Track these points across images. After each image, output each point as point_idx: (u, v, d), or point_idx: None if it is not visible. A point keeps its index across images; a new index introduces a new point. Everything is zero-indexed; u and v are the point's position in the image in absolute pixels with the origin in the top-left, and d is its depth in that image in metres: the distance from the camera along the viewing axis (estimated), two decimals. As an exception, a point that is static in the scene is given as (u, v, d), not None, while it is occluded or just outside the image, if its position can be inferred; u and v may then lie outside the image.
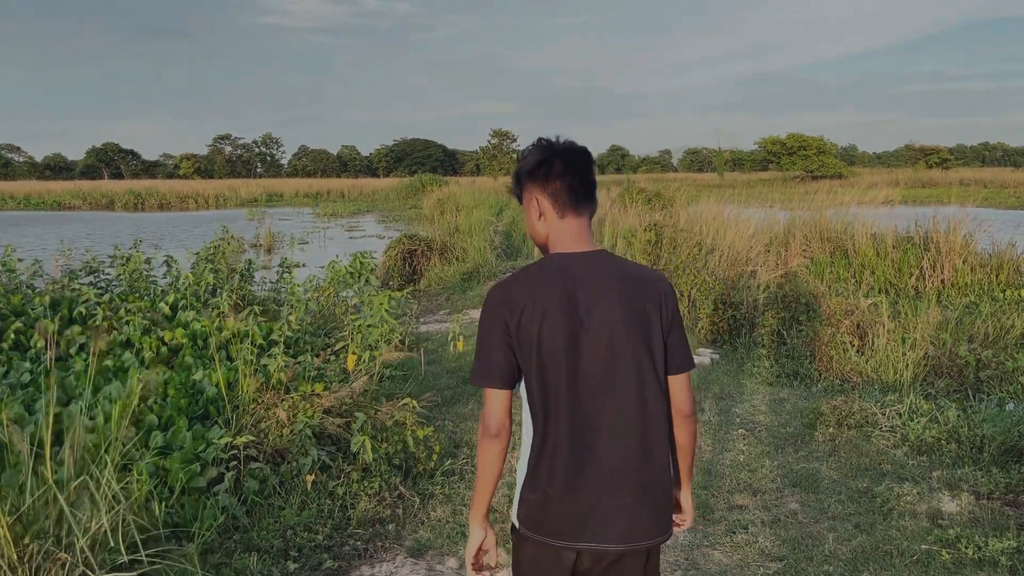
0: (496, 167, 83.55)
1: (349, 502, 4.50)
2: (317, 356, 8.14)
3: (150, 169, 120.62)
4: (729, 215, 13.32)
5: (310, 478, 4.64)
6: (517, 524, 2.16)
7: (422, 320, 11.50)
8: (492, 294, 2.15)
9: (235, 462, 4.80)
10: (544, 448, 2.09)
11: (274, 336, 6.83)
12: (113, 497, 4.23)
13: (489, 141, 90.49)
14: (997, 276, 12.26)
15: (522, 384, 2.14)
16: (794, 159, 68.60)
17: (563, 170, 2.13)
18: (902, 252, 12.83)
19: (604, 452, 2.05)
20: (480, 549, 2.22)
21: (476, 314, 11.61)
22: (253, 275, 11.90)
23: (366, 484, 4.62)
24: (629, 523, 2.05)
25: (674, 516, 2.30)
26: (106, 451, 4.03)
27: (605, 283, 2.08)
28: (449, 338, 7.51)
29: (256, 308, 6.74)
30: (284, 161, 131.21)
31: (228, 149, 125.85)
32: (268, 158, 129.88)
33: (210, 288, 10.57)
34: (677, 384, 2.17)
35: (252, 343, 6.79)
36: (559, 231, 2.15)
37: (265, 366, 6.46)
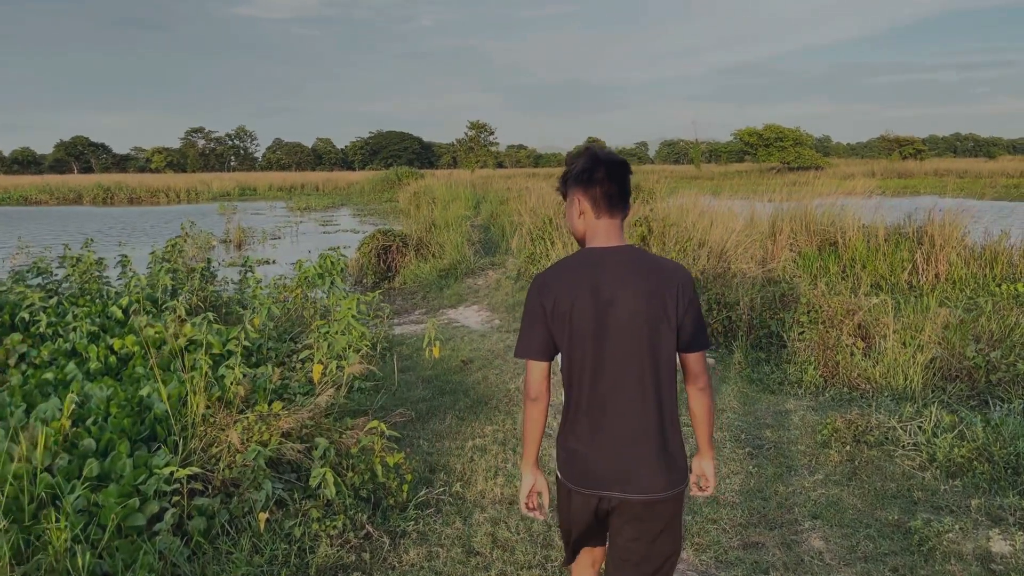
0: (473, 159, 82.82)
1: (308, 545, 3.89)
2: (282, 364, 7.52)
3: (121, 163, 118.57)
4: (716, 208, 12.80)
5: (263, 517, 4.02)
6: (558, 473, 2.58)
7: (397, 321, 10.87)
8: (535, 282, 2.52)
9: (178, 496, 4.18)
10: (574, 413, 2.49)
11: (230, 346, 6.19)
12: (26, 545, 3.62)
13: (466, 133, 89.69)
14: (991, 269, 11.87)
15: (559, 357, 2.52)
16: (771, 150, 68.40)
17: (604, 177, 2.48)
18: (894, 246, 12.40)
19: (623, 418, 2.42)
20: (532, 491, 2.62)
21: (454, 314, 11.01)
22: (215, 275, 11.22)
23: (328, 523, 4.01)
24: (642, 479, 2.41)
25: (697, 482, 2.71)
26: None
27: (629, 274, 2.43)
28: (424, 343, 6.90)
29: (210, 314, 6.08)
30: (258, 154, 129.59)
31: (201, 142, 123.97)
32: (242, 151, 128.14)
33: (168, 290, 9.90)
34: (692, 361, 2.51)
35: (206, 352, 6.17)
36: (595, 228, 2.52)
37: (222, 378, 5.85)
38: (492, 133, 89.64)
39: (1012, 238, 12.38)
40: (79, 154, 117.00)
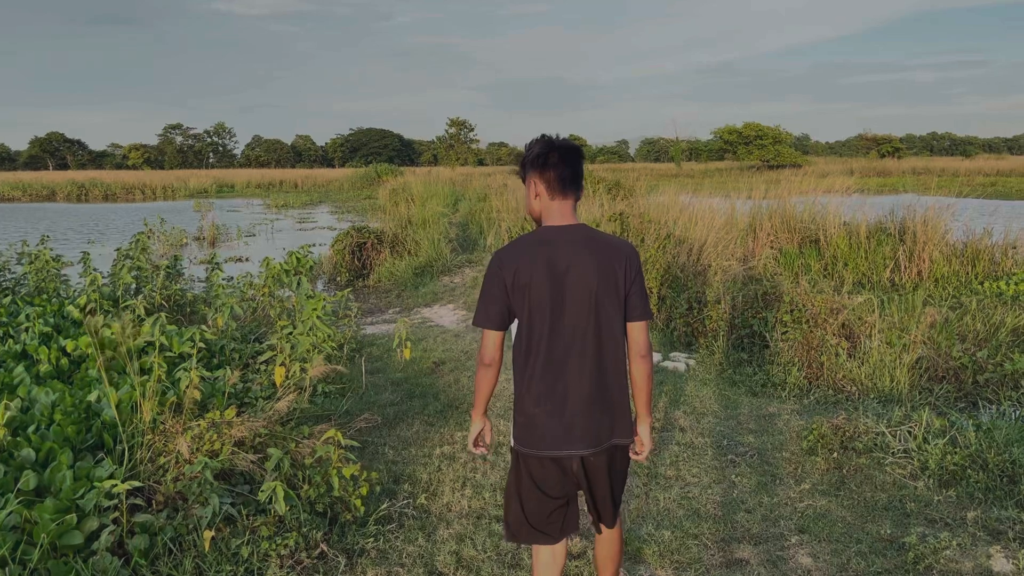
0: (453, 157, 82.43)
1: (256, 567, 3.58)
2: (245, 367, 7.19)
3: (97, 159, 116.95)
4: (696, 205, 12.56)
5: (208, 535, 3.70)
6: (515, 444, 2.77)
7: (369, 320, 10.55)
8: (495, 257, 2.71)
9: (117, 513, 3.86)
10: (529, 380, 2.67)
11: (184, 347, 5.86)
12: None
13: (446, 130, 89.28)
14: (973, 267, 11.72)
15: (514, 326, 2.73)
16: (750, 148, 68.51)
17: (558, 161, 2.67)
18: (876, 243, 12.22)
19: (576, 381, 2.62)
20: (480, 434, 2.91)
21: (429, 313, 10.70)
22: (182, 272, 10.86)
23: (278, 542, 3.70)
24: (596, 433, 2.65)
25: (634, 447, 2.85)
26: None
27: (582, 249, 2.63)
28: (395, 344, 6.59)
29: (163, 314, 5.74)
30: (237, 151, 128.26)
31: (179, 139, 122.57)
32: (220, 148, 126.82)
33: (132, 288, 9.54)
34: (636, 330, 2.70)
35: (160, 354, 5.84)
36: (549, 209, 2.71)
37: (177, 381, 5.54)
38: (472, 130, 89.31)
39: (994, 236, 12.24)
40: (54, 151, 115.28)
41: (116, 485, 3.83)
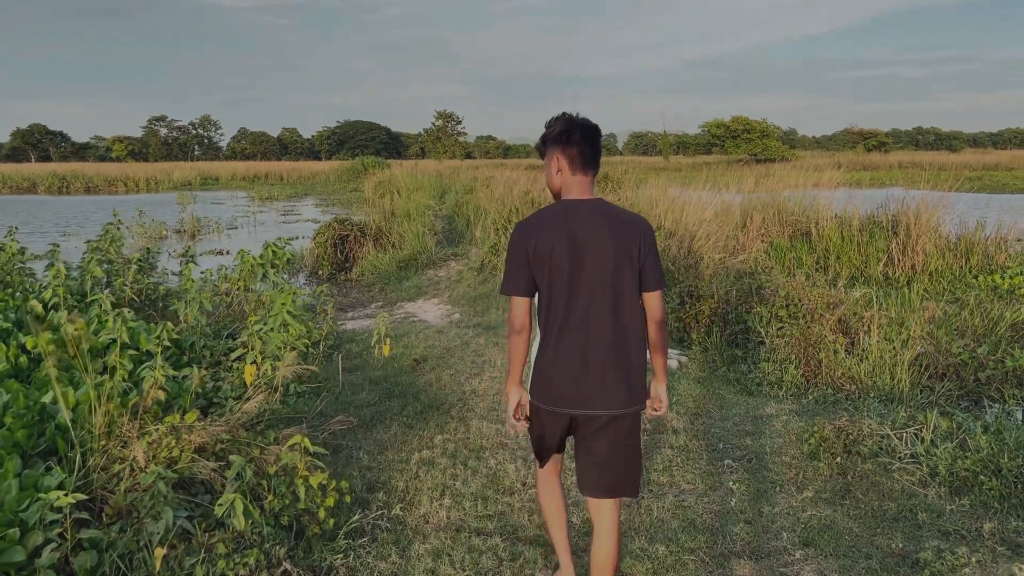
0: (441, 149, 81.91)
1: (212, 588, 3.25)
2: (217, 364, 6.85)
3: (80, 151, 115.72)
4: (686, 197, 12.27)
5: (160, 553, 3.37)
6: (531, 398, 2.91)
7: (351, 315, 10.21)
8: (517, 228, 2.86)
9: (63, 528, 3.53)
10: (550, 343, 2.82)
11: (148, 345, 5.52)
12: None
13: (433, 123, 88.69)
14: (967, 261, 11.50)
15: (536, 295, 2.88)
16: (738, 142, 68.36)
17: (580, 139, 2.84)
18: (869, 236, 11.98)
19: (594, 345, 2.77)
20: (519, 405, 2.94)
21: (412, 308, 10.38)
22: (155, 266, 10.47)
23: (236, 560, 3.37)
24: (612, 396, 2.79)
25: (651, 404, 3.00)
26: None
27: (600, 222, 2.79)
28: (373, 340, 6.27)
29: (125, 311, 5.39)
30: (223, 144, 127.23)
31: (163, 131, 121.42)
32: (206, 140, 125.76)
33: (102, 282, 9.16)
34: (652, 299, 2.86)
35: (121, 352, 5.49)
36: (570, 184, 2.87)
37: (141, 381, 5.20)
38: (460, 123, 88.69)
39: (988, 229, 12.02)
40: (37, 142, 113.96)
41: (60, 497, 3.51)
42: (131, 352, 5.82)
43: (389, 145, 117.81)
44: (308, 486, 3.87)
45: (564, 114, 2.91)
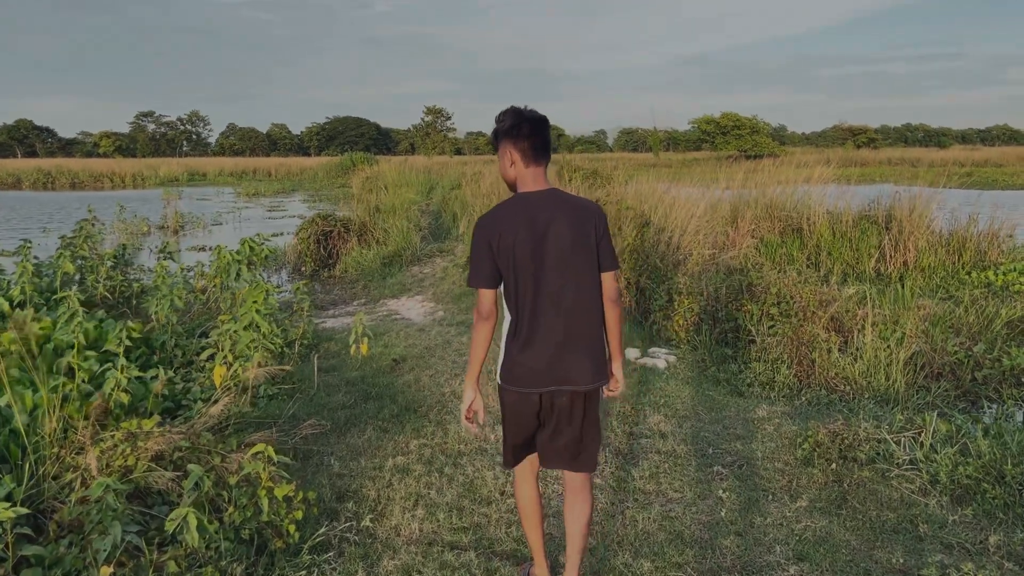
0: (430, 145, 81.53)
1: (161, 610, 3.00)
2: (189, 364, 6.59)
3: (67, 147, 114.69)
4: (675, 194, 12.04)
5: (106, 572, 3.12)
6: (500, 381, 3.05)
7: (332, 312, 9.95)
8: (479, 223, 2.98)
9: (3, 544, 3.28)
10: (518, 328, 2.97)
11: (108, 345, 5.25)
12: None
13: (423, 119, 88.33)
14: (960, 257, 11.34)
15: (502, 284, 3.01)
16: (728, 139, 68.26)
17: (530, 132, 2.97)
18: (861, 232, 11.80)
19: (557, 327, 2.93)
20: (471, 407, 3.09)
21: (395, 305, 10.13)
22: (130, 262, 10.18)
23: (189, 580, 3.13)
24: (575, 374, 2.94)
25: (608, 385, 3.13)
26: None
27: (556, 210, 2.95)
28: (351, 339, 6.01)
29: (79, 308, 5.13)
30: (211, 140, 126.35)
31: (151, 127, 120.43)
32: (194, 136, 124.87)
33: (76, 280, 8.88)
34: (607, 279, 3.04)
35: (78, 353, 5.24)
36: (524, 175, 3.01)
37: (103, 383, 4.95)
38: (449, 119, 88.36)
39: (980, 225, 11.86)
40: (23, 138, 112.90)
41: (2, 511, 3.25)
42: (97, 353, 5.57)
43: (379, 141, 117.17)
44: (272, 497, 3.63)
45: (512, 107, 3.01)
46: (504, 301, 3.02)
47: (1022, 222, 12.67)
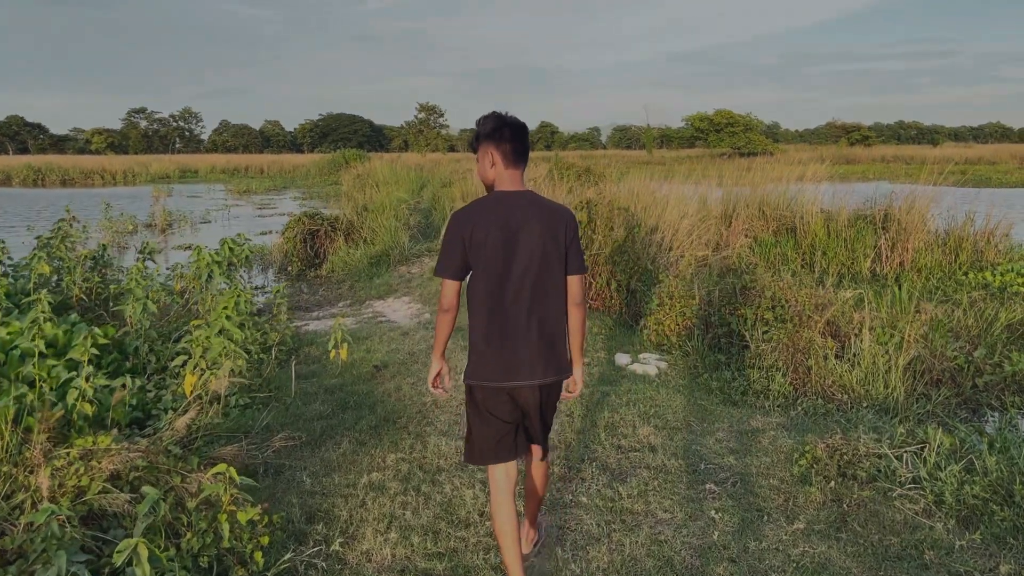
0: (423, 142, 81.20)
1: (105, 650, 2.77)
2: (163, 370, 6.34)
3: (59, 144, 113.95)
4: (668, 192, 11.81)
5: (48, 607, 2.88)
6: (467, 380, 3.13)
7: (316, 314, 9.70)
8: (454, 216, 3.10)
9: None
10: (484, 323, 3.06)
11: (73, 353, 4.99)
12: None
13: (416, 116, 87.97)
14: (956, 257, 11.14)
15: (468, 279, 3.12)
16: (721, 136, 68.14)
17: (512, 136, 3.10)
18: (856, 231, 11.57)
19: (523, 324, 3.03)
20: (438, 375, 3.28)
21: (381, 306, 9.89)
22: (111, 263, 9.90)
23: (138, 617, 2.88)
24: (539, 369, 3.06)
25: (567, 387, 3.27)
26: None
27: (530, 211, 3.06)
28: (331, 345, 5.78)
29: (43, 314, 4.88)
30: (204, 136, 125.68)
31: (144, 123, 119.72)
32: (187, 133, 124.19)
33: (52, 281, 8.60)
34: (573, 282, 3.15)
35: (39, 362, 5.00)
36: (503, 176, 3.12)
37: (67, 393, 4.72)
38: (442, 115, 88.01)
39: (977, 224, 11.66)
40: (14, 135, 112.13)
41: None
42: (66, 360, 5.31)
43: (372, 138, 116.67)
44: (235, 522, 3.39)
45: (494, 112, 3.14)
46: (469, 297, 3.09)
47: (1018, 221, 12.50)
